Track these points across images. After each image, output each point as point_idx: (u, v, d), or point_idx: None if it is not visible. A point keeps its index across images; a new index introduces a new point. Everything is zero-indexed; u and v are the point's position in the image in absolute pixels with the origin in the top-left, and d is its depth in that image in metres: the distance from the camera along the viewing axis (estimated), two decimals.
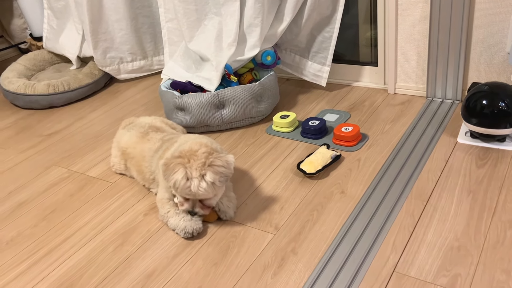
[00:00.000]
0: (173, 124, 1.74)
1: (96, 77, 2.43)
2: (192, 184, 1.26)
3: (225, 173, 1.30)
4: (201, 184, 1.26)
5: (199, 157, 1.28)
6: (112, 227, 1.45)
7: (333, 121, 1.87)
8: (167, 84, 1.99)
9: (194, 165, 1.27)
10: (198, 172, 1.26)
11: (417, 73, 1.96)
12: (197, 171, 1.26)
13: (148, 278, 1.24)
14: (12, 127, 2.18)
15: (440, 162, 1.55)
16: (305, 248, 1.28)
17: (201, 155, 1.28)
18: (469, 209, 1.33)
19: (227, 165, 1.31)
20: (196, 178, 1.26)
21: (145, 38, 2.49)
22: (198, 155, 1.29)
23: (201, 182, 1.26)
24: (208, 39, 1.93)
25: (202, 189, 1.27)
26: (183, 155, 1.29)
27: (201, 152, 1.29)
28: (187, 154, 1.29)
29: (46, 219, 1.53)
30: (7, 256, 1.38)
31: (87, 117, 2.20)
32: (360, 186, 1.49)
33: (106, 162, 1.80)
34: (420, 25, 1.86)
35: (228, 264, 1.26)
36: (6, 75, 2.41)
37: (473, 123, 1.56)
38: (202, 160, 1.28)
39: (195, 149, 1.30)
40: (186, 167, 1.27)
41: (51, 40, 2.60)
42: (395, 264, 1.19)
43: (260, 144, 1.80)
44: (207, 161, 1.28)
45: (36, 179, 1.76)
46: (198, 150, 1.29)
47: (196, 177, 1.26)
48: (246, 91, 1.84)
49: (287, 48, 2.12)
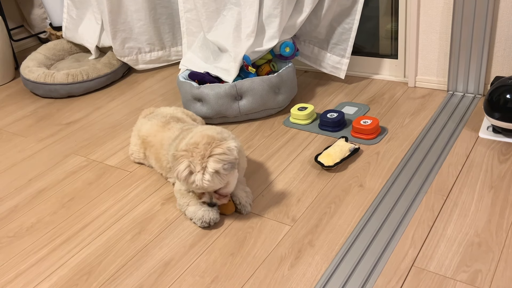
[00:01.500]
0: (194, 115, 1.75)
1: (115, 67, 2.44)
2: (196, 178, 1.26)
3: (228, 160, 1.27)
4: (204, 176, 1.26)
5: (200, 150, 1.27)
6: (130, 216, 1.46)
7: (351, 113, 1.85)
8: (185, 74, 1.99)
9: (196, 159, 1.27)
10: (200, 165, 1.26)
11: (438, 66, 1.92)
12: (199, 164, 1.26)
13: (165, 266, 1.25)
14: (32, 116, 2.21)
15: (461, 156, 1.52)
16: (322, 240, 1.27)
17: (202, 147, 1.28)
18: (491, 205, 1.31)
19: (228, 152, 1.28)
20: (199, 172, 1.26)
21: (163, 28, 2.49)
22: (199, 147, 1.28)
23: (204, 174, 1.26)
24: (227, 29, 1.92)
25: (206, 181, 1.26)
26: (188, 149, 1.29)
27: (202, 144, 1.28)
28: (190, 148, 1.29)
29: (65, 207, 1.55)
30: (27, 242, 1.41)
31: (106, 106, 2.22)
32: (378, 179, 1.47)
33: (125, 151, 1.81)
34: (443, 17, 1.83)
35: (244, 255, 1.26)
36: (27, 64, 2.43)
37: (496, 117, 1.53)
38: (202, 153, 1.27)
39: (198, 141, 1.29)
40: (189, 159, 1.27)
41: (71, 30, 2.62)
42: (414, 258, 1.17)
43: (277, 136, 1.79)
44: (206, 153, 1.27)
45: (55, 167, 1.78)
46: (199, 143, 1.29)
47: (199, 170, 1.26)
48: (264, 83, 1.83)
49: (306, 39, 2.10)
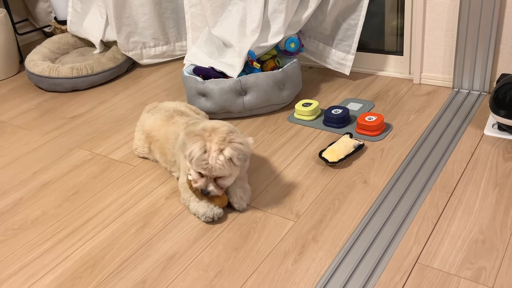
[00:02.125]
0: (197, 110, 1.75)
1: (119, 61, 2.44)
2: (210, 157, 1.28)
3: (244, 152, 1.31)
4: (219, 157, 1.28)
5: (220, 133, 1.31)
6: (134, 210, 1.47)
7: (356, 110, 1.84)
8: (190, 69, 1.99)
9: (215, 139, 1.29)
10: (217, 146, 1.28)
11: (444, 63, 1.92)
12: (217, 144, 1.29)
13: (169, 260, 1.26)
14: (37, 109, 2.21)
15: (466, 154, 1.52)
16: (326, 236, 1.27)
17: (223, 131, 1.31)
18: (495, 203, 1.30)
19: (246, 144, 1.33)
20: (215, 151, 1.28)
21: (168, 23, 2.49)
22: (220, 131, 1.31)
23: (219, 155, 1.28)
24: (232, 24, 1.91)
25: (219, 163, 1.28)
26: (206, 129, 1.32)
27: (223, 129, 1.32)
28: (209, 129, 1.32)
29: (69, 200, 1.55)
30: (32, 235, 1.41)
31: (110, 101, 2.22)
32: (383, 176, 1.47)
33: (129, 146, 1.82)
34: (449, 14, 1.82)
35: (248, 250, 1.26)
36: (31, 57, 2.44)
37: (501, 115, 1.52)
38: (223, 135, 1.30)
39: (217, 126, 1.33)
40: (206, 140, 1.30)
41: (75, 24, 2.62)
42: (418, 255, 1.17)
43: (282, 132, 1.79)
44: (227, 137, 1.30)
45: (59, 160, 1.78)
46: (220, 128, 1.33)
47: (215, 150, 1.28)
48: (269, 78, 1.83)
49: (311, 35, 2.09)
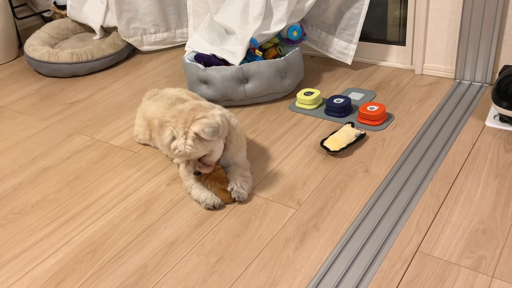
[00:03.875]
0: (198, 97, 1.73)
1: (119, 47, 2.42)
2: (179, 143, 1.25)
3: (210, 124, 1.25)
4: (186, 141, 1.24)
5: (183, 115, 1.26)
6: (135, 196, 1.46)
7: (358, 99, 1.84)
8: (191, 56, 1.98)
9: (179, 123, 1.25)
10: (182, 130, 1.25)
11: (446, 54, 1.91)
12: (182, 129, 1.25)
13: (170, 246, 1.26)
14: (36, 94, 2.20)
15: (467, 145, 1.52)
16: (327, 224, 1.28)
17: (186, 113, 1.27)
18: (496, 193, 1.31)
19: (211, 117, 1.27)
20: (182, 137, 1.24)
21: (169, 10, 2.47)
22: (183, 113, 1.27)
23: (187, 139, 1.24)
24: (234, 11, 1.90)
25: (188, 147, 1.24)
26: (173, 115, 1.28)
27: (187, 110, 1.27)
28: (176, 114, 1.27)
29: (69, 185, 1.55)
30: (33, 219, 1.41)
31: (110, 87, 2.21)
32: (384, 165, 1.47)
33: (129, 132, 1.81)
34: (453, 4, 1.81)
35: (250, 236, 1.26)
36: (31, 42, 2.41)
37: (503, 106, 1.52)
38: (185, 117, 1.26)
39: (183, 108, 1.28)
40: (173, 126, 1.26)
41: (75, 9, 2.59)
42: (419, 243, 1.18)
43: (283, 120, 1.78)
44: (189, 117, 1.25)
45: (59, 146, 1.78)
46: (184, 109, 1.28)
47: (182, 136, 1.24)
48: (271, 66, 1.82)
49: (314, 24, 2.08)
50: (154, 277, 1.17)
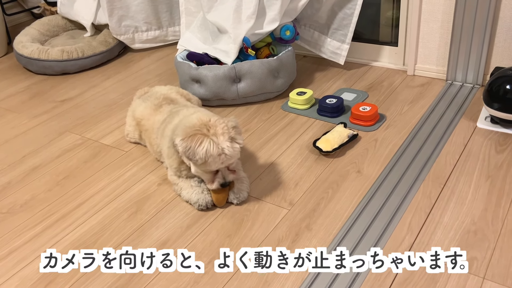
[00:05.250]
0: (188, 95, 1.72)
1: (110, 45, 2.40)
2: (226, 148, 1.26)
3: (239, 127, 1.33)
4: (233, 144, 1.28)
5: (217, 124, 1.28)
6: (126, 195, 1.45)
7: (350, 100, 1.84)
8: (183, 55, 1.97)
9: (219, 130, 1.26)
10: (226, 136, 1.27)
11: (438, 55, 1.92)
12: (226, 134, 1.26)
13: (162, 246, 1.25)
14: (25, 92, 2.17)
15: (459, 146, 1.53)
16: (320, 224, 1.27)
17: (217, 123, 1.28)
18: (487, 194, 1.32)
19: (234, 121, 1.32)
20: (226, 141, 1.26)
21: (161, 7, 2.45)
22: (213, 123, 1.28)
23: (233, 143, 1.28)
24: (227, 10, 1.89)
25: (237, 148, 1.28)
26: (200, 128, 1.27)
27: (214, 120, 1.29)
28: (202, 126, 1.27)
29: (59, 184, 1.53)
30: (21, 219, 1.39)
31: (101, 85, 2.19)
32: (376, 166, 1.48)
33: (120, 131, 1.79)
34: (445, 6, 1.81)
35: (242, 237, 1.26)
36: (20, 39, 2.38)
37: (495, 108, 1.53)
38: (221, 124, 1.27)
39: (206, 119, 1.29)
40: (208, 136, 1.26)
41: (66, 6, 2.56)
42: (411, 244, 1.18)
43: (275, 120, 1.78)
44: (223, 125, 1.28)
45: (49, 144, 1.75)
46: (210, 120, 1.29)
47: (226, 140, 1.26)
48: (264, 66, 1.81)
49: (307, 23, 2.08)
50: (145, 277, 1.16)
